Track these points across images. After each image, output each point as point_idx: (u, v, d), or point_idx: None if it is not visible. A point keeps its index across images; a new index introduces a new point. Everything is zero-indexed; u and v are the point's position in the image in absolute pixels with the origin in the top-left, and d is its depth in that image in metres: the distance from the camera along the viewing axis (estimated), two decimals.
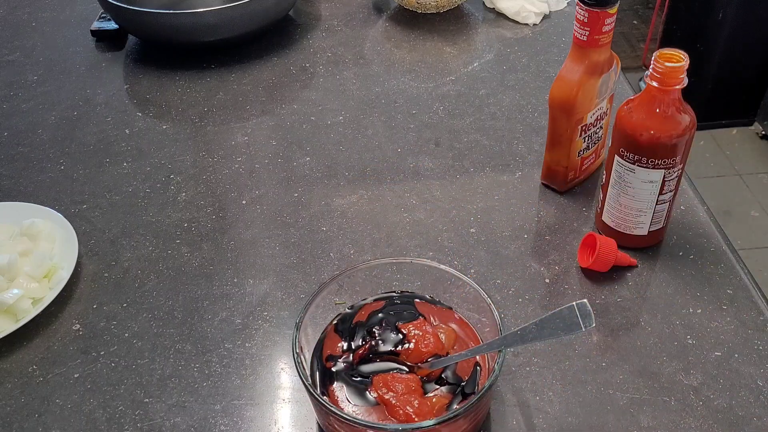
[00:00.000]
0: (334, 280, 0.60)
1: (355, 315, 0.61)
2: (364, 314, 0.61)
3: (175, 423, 0.60)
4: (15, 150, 0.92)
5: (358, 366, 0.57)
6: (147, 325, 0.69)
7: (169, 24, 1.01)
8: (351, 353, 0.58)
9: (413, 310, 0.61)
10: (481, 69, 1.04)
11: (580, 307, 0.49)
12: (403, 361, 0.57)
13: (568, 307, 0.49)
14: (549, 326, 0.50)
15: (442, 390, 0.55)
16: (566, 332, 0.49)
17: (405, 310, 0.61)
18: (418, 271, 0.62)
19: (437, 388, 0.55)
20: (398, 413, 0.52)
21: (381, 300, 0.62)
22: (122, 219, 0.81)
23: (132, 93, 1.03)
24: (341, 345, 0.59)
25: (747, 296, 0.68)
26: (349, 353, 0.58)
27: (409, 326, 0.58)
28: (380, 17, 1.18)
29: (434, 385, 0.55)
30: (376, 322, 0.59)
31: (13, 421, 0.61)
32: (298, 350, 0.55)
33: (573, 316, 0.49)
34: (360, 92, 1.00)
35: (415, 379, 0.55)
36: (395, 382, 0.54)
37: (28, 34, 1.18)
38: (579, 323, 0.48)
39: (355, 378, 0.56)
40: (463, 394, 0.55)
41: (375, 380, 0.55)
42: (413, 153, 0.89)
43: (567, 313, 0.49)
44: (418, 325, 0.59)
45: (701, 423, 0.58)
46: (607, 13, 0.68)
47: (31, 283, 0.69)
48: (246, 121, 0.96)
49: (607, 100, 0.77)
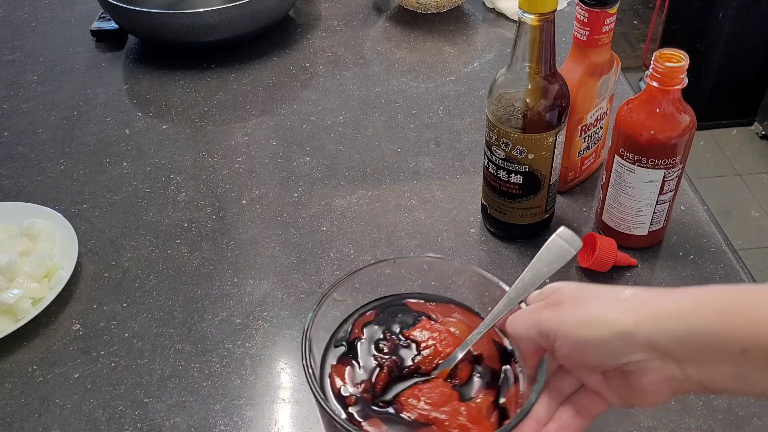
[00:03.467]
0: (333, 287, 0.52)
1: (350, 333, 0.52)
2: (358, 330, 0.52)
3: (175, 423, 0.60)
4: (15, 150, 0.92)
5: (378, 396, 0.48)
6: (147, 325, 0.69)
7: (169, 24, 1.01)
8: (367, 381, 0.49)
9: (411, 312, 0.54)
10: (481, 69, 1.04)
11: (562, 235, 0.48)
12: (422, 371, 0.49)
13: (551, 241, 0.48)
14: (542, 265, 0.48)
15: (476, 385, 0.48)
16: (560, 262, 0.47)
17: (400, 313, 0.53)
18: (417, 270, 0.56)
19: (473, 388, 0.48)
20: (450, 428, 0.45)
21: (368, 309, 0.54)
22: (122, 219, 0.81)
23: (132, 93, 1.03)
24: (349, 375, 0.49)
25: None
26: (365, 382, 0.49)
27: (416, 331, 0.51)
28: (380, 17, 1.18)
29: (472, 385, 0.49)
30: (379, 338, 0.51)
31: (13, 421, 0.61)
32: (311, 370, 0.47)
33: (559, 245, 0.48)
34: (360, 92, 1.00)
35: (443, 384, 0.48)
36: (429, 394, 0.47)
37: (28, 34, 1.18)
38: (568, 248, 0.47)
39: (382, 407, 0.47)
40: (501, 382, 0.49)
41: (404, 401, 0.47)
42: (413, 153, 0.89)
43: (552, 246, 0.48)
44: (426, 326, 0.51)
45: (701, 423, 0.58)
46: (607, 13, 0.68)
47: (31, 283, 0.69)
48: (246, 121, 0.96)
49: (607, 100, 0.77)
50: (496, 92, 0.67)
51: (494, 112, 0.67)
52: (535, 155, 0.67)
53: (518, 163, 0.68)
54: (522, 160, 0.68)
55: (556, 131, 0.67)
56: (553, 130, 0.67)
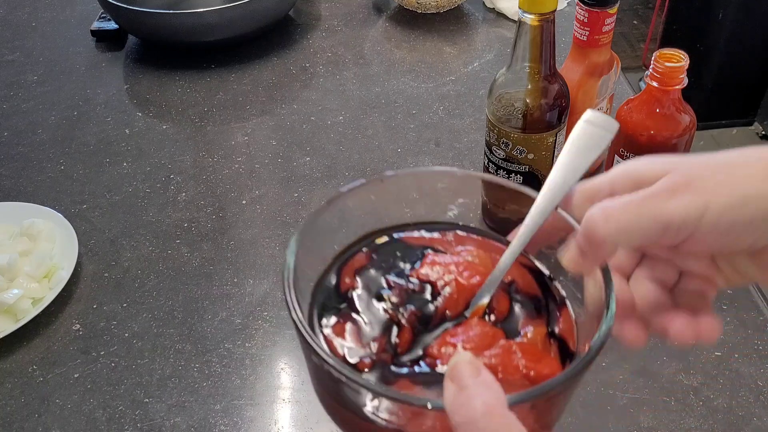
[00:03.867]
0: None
1: (338, 285, 0.40)
2: (349, 279, 0.40)
3: (175, 423, 0.60)
4: (15, 150, 0.92)
5: (401, 354, 0.36)
6: (147, 325, 0.69)
7: (169, 24, 1.01)
8: (380, 339, 0.37)
9: (411, 248, 0.42)
10: (481, 69, 1.04)
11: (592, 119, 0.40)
12: (450, 315, 0.38)
13: (579, 129, 0.40)
14: (574, 158, 0.39)
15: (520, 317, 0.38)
16: (595, 151, 0.39)
17: (397, 250, 0.42)
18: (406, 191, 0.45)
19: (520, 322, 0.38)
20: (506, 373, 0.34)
21: (355, 252, 0.42)
22: (122, 219, 0.81)
23: (132, 93, 1.03)
24: (353, 335, 0.37)
25: (747, 296, 0.68)
26: (379, 340, 0.37)
27: (424, 269, 0.40)
28: (380, 17, 1.18)
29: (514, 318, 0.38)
30: (381, 285, 0.39)
31: (13, 421, 0.61)
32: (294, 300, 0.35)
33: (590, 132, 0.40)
34: (360, 92, 1.00)
35: (481, 323, 0.37)
36: (467, 338, 0.36)
37: (28, 34, 1.18)
38: (603, 133, 0.39)
39: (412, 367, 0.35)
40: (548, 309, 0.39)
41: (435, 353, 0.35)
42: (413, 153, 0.89)
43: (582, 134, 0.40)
44: (435, 260, 0.40)
45: (701, 423, 0.58)
46: (607, 13, 0.68)
47: (31, 283, 0.69)
48: (246, 121, 0.96)
49: (607, 100, 0.77)
50: (496, 92, 0.67)
51: (494, 112, 0.67)
52: (535, 155, 0.67)
53: (518, 163, 0.68)
54: (522, 160, 0.68)
55: (556, 131, 0.67)
56: (553, 130, 0.67)
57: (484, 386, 0.29)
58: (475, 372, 0.30)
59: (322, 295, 0.40)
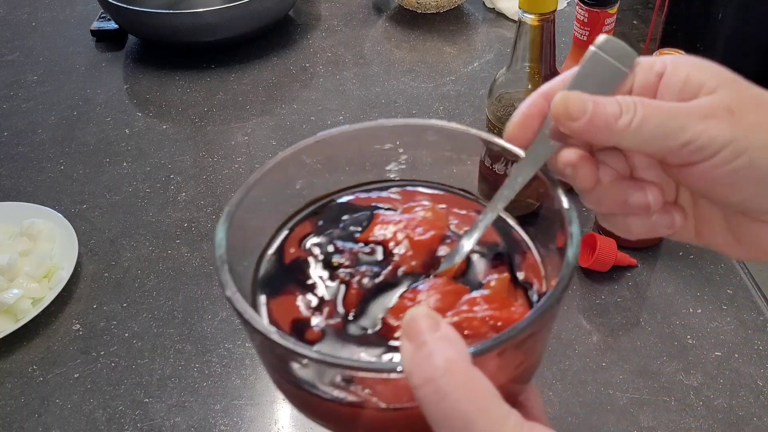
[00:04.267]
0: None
1: (281, 258, 0.36)
2: (294, 250, 0.37)
3: (175, 423, 0.60)
4: (15, 150, 0.92)
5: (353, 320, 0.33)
6: (147, 325, 0.69)
7: (169, 24, 1.01)
8: (328, 304, 0.33)
9: (357, 209, 0.39)
10: (481, 69, 1.04)
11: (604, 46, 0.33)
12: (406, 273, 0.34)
13: (588, 59, 0.33)
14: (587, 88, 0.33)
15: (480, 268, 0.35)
16: (605, 89, 0.33)
17: (343, 213, 0.38)
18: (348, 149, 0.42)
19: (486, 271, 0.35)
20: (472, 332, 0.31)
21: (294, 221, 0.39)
22: (122, 219, 0.81)
23: (132, 93, 1.03)
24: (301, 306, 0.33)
25: (747, 296, 0.68)
26: (326, 305, 0.33)
27: (375, 230, 0.36)
28: (380, 17, 1.18)
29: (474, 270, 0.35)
30: (328, 251, 0.36)
31: (13, 421, 0.61)
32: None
33: (602, 62, 0.33)
34: (360, 92, 1.00)
35: (443, 281, 0.33)
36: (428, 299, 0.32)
37: (28, 34, 1.18)
38: (617, 66, 0.33)
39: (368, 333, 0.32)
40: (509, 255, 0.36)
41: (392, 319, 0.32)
42: None
43: (591, 65, 0.33)
44: (385, 220, 0.36)
45: (701, 423, 0.58)
46: (607, 13, 0.68)
47: (31, 283, 0.69)
48: (246, 121, 0.96)
49: None
50: (496, 92, 0.67)
51: (494, 112, 0.67)
52: None
53: None
54: None
55: None
56: None
57: (444, 341, 0.25)
58: (434, 326, 0.26)
59: (265, 270, 0.36)
